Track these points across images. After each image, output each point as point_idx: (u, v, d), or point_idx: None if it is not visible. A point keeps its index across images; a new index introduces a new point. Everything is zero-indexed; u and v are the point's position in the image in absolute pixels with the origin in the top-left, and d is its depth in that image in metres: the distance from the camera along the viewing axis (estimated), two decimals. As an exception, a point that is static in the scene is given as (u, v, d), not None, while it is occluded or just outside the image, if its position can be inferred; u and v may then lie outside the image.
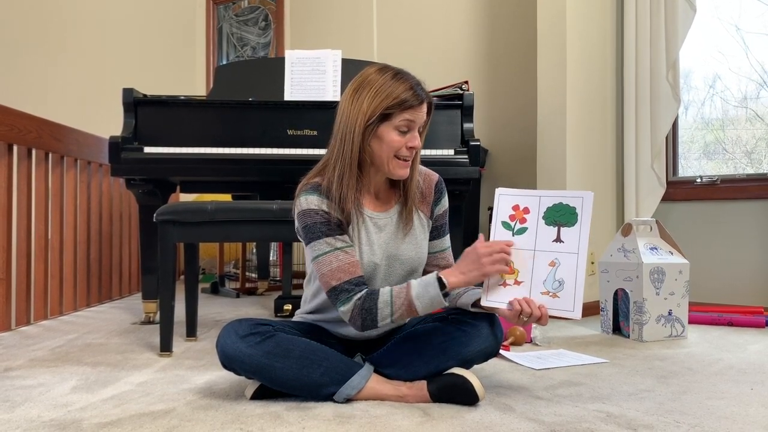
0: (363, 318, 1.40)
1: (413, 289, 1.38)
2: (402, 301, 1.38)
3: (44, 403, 1.47)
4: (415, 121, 1.44)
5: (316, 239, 1.43)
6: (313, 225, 1.44)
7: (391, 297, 1.39)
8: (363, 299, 1.40)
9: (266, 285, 3.83)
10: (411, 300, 1.38)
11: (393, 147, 1.43)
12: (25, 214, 2.58)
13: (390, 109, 1.41)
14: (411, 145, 1.44)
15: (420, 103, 1.43)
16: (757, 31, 2.91)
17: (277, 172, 2.43)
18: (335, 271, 1.41)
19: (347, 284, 1.41)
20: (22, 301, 2.56)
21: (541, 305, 1.38)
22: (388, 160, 1.45)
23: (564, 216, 1.42)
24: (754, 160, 2.97)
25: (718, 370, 1.80)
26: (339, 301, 1.41)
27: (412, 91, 1.42)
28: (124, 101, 2.46)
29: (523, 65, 3.37)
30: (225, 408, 1.42)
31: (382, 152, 1.44)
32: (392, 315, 1.39)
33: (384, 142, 1.43)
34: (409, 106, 1.41)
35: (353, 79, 1.48)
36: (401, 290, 1.40)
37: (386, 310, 1.39)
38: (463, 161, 2.46)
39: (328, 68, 2.59)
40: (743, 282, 2.84)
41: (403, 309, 1.39)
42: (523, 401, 1.47)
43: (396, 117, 1.42)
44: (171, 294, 1.98)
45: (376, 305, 1.39)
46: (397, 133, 1.43)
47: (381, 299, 1.39)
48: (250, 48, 4.86)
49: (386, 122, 1.42)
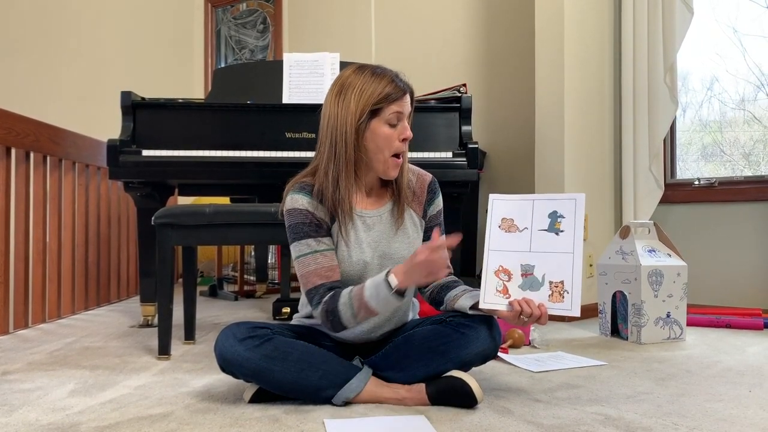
0: (330, 320, 1.43)
1: (366, 291, 1.39)
2: (359, 303, 1.40)
3: (42, 406, 1.47)
4: (403, 111, 1.47)
5: (299, 239, 1.46)
6: (297, 225, 1.47)
7: (350, 299, 1.41)
8: (327, 302, 1.43)
9: (264, 288, 3.83)
10: (366, 301, 1.39)
11: (387, 141, 1.46)
12: (23, 217, 2.58)
13: (378, 104, 1.44)
14: (404, 136, 1.47)
15: (404, 94, 1.47)
16: (754, 33, 2.92)
17: (275, 175, 2.43)
18: (311, 274, 1.45)
19: (321, 288, 1.44)
20: (20, 305, 2.56)
21: (541, 304, 1.40)
22: (384, 159, 1.47)
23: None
24: (751, 162, 2.98)
25: (717, 373, 1.80)
26: (313, 303, 1.46)
27: (394, 83, 1.46)
28: (122, 104, 2.46)
29: (521, 68, 3.37)
30: (223, 411, 1.42)
31: (377, 149, 1.46)
32: (355, 317, 1.41)
33: (378, 137, 1.45)
34: (395, 98, 1.45)
35: (333, 83, 1.51)
36: (358, 291, 1.41)
37: (348, 312, 1.41)
38: (461, 164, 2.46)
39: (326, 71, 2.60)
40: (741, 284, 2.85)
41: (362, 310, 1.40)
42: (522, 404, 1.47)
43: (385, 111, 1.45)
44: (169, 297, 1.98)
45: (337, 307, 1.41)
46: (388, 126, 1.46)
47: (341, 301, 1.41)
48: (248, 51, 4.86)
49: (376, 118, 1.45)
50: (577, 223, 1.43)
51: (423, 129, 2.48)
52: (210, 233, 1.95)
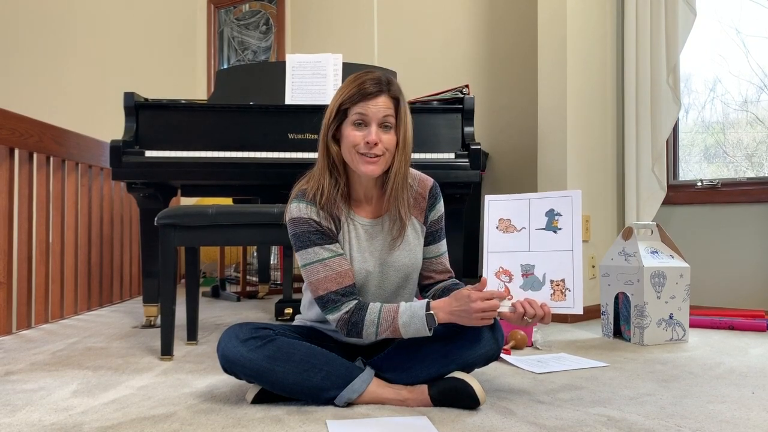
0: (348, 330, 1.44)
1: (401, 318, 1.40)
2: (388, 325, 1.41)
3: (45, 407, 1.47)
4: (368, 114, 1.42)
5: (305, 248, 1.46)
6: (302, 234, 1.46)
7: (379, 318, 1.41)
8: (351, 313, 1.43)
9: (267, 289, 3.83)
10: (397, 326, 1.40)
11: (350, 142, 1.43)
12: (26, 217, 2.58)
13: (344, 105, 1.44)
14: (367, 140, 1.42)
15: (370, 95, 1.42)
16: (757, 34, 2.92)
17: (277, 176, 2.43)
18: (322, 281, 1.44)
19: (334, 294, 1.44)
20: (23, 305, 2.56)
21: (543, 304, 1.40)
22: (351, 156, 1.45)
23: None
24: (754, 164, 2.97)
25: (719, 374, 1.80)
26: (326, 309, 1.45)
27: (363, 84, 1.43)
28: (125, 105, 2.46)
29: (524, 69, 3.37)
30: (226, 412, 1.42)
31: (345, 149, 1.46)
32: (377, 334, 1.43)
33: (345, 138, 1.45)
34: (358, 99, 1.42)
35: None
36: (389, 313, 1.41)
37: (371, 329, 1.42)
38: (463, 165, 2.46)
39: (329, 72, 2.60)
40: (744, 285, 2.84)
41: (388, 332, 1.42)
42: (524, 405, 1.47)
43: (350, 112, 1.44)
44: (172, 298, 1.98)
45: (362, 321, 1.42)
46: (353, 128, 1.44)
47: (368, 318, 1.41)
48: (251, 52, 4.87)
49: (345, 120, 1.45)
50: (574, 220, 1.43)
51: (425, 130, 2.48)
52: (212, 234, 1.95)
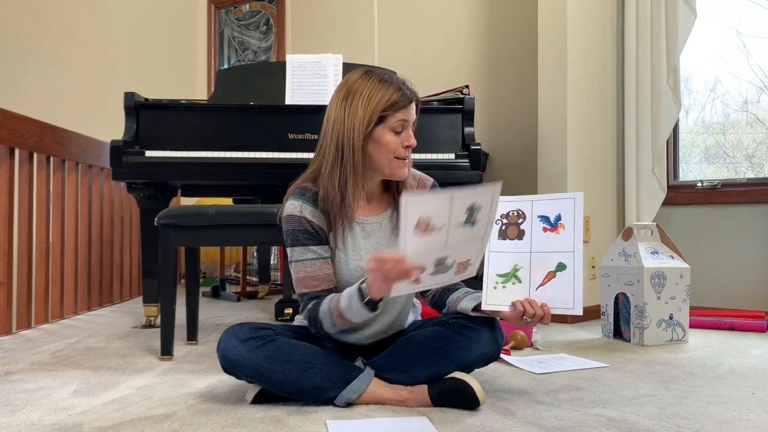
0: (314, 326, 1.46)
1: (342, 302, 1.40)
2: (336, 313, 1.41)
3: (45, 407, 1.48)
4: (408, 120, 1.47)
5: (294, 246, 1.48)
6: (293, 231, 1.48)
7: (329, 307, 1.42)
8: (310, 309, 1.45)
9: (267, 289, 3.83)
10: (342, 312, 1.40)
11: (391, 148, 1.46)
12: (26, 217, 2.58)
13: (385, 111, 1.44)
14: (407, 144, 1.47)
15: (410, 102, 1.47)
16: (757, 35, 2.92)
17: (278, 176, 2.43)
18: (302, 280, 1.47)
19: (308, 295, 1.47)
20: (23, 305, 2.56)
21: (543, 304, 1.39)
22: (388, 162, 1.47)
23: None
24: (755, 164, 2.97)
25: (719, 375, 1.80)
26: (300, 308, 1.49)
27: (401, 91, 1.46)
28: (126, 105, 2.46)
29: (524, 69, 3.37)
30: (226, 412, 1.42)
31: (381, 155, 1.46)
32: (334, 325, 1.43)
33: (382, 144, 1.45)
34: (401, 107, 1.45)
35: (338, 87, 1.50)
36: (335, 301, 1.42)
37: (328, 321, 1.43)
38: (463, 165, 2.46)
39: (329, 72, 2.60)
40: (744, 286, 2.84)
41: (339, 320, 1.42)
42: (524, 405, 1.47)
43: (390, 118, 1.45)
44: (172, 298, 1.98)
45: (318, 314, 1.44)
46: (393, 134, 1.46)
47: (321, 309, 1.43)
48: (251, 52, 4.87)
49: (381, 125, 1.45)
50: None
51: (425, 130, 2.48)
52: (212, 234, 1.96)
